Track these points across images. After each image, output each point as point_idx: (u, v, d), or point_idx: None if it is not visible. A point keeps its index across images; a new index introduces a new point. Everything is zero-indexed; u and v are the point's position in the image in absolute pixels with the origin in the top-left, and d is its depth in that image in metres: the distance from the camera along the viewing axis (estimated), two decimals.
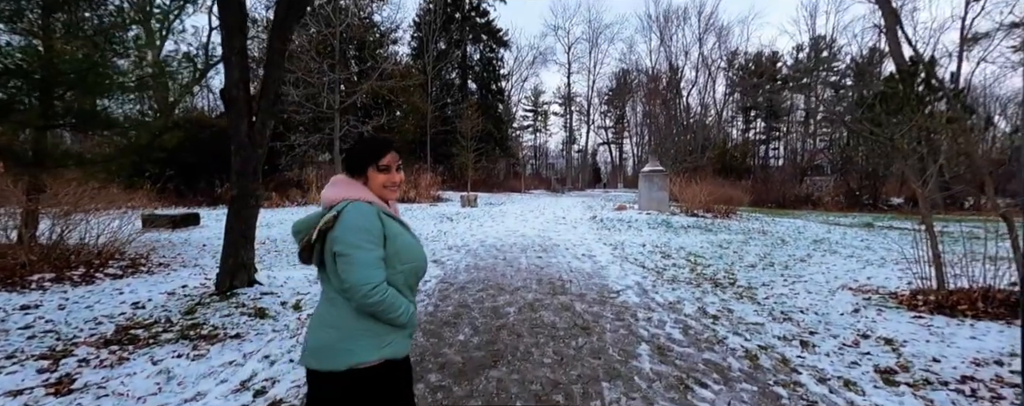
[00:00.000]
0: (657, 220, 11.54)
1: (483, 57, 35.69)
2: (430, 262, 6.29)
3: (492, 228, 10.41)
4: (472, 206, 16.34)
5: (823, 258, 6.79)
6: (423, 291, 4.76)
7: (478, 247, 7.73)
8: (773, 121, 47.50)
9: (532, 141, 59.36)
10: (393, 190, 1.45)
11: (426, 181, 20.48)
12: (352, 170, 1.43)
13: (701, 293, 4.83)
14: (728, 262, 6.55)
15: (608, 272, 5.90)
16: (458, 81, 34.51)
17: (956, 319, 3.73)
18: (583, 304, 4.39)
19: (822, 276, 5.54)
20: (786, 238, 8.96)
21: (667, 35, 42.99)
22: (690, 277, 5.61)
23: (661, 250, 7.63)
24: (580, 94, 53.60)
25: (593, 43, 49.83)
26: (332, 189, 1.42)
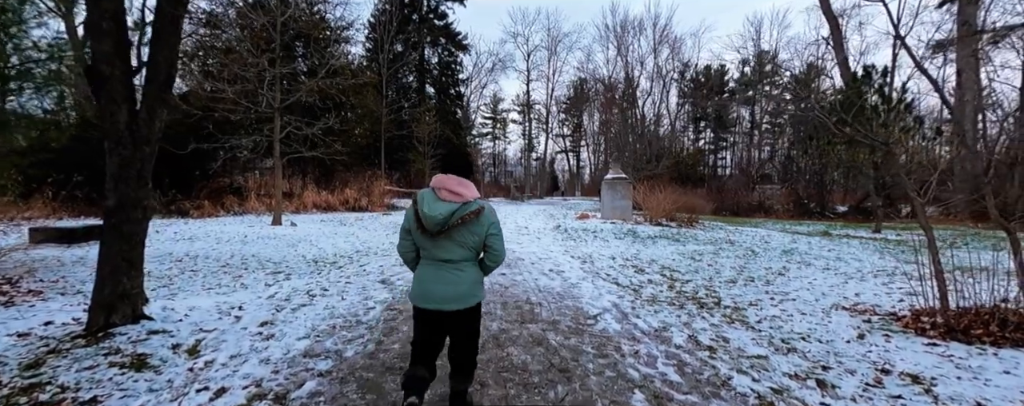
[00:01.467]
0: (623, 230, 11.12)
1: (442, 61, 34.80)
2: (378, 282, 5.44)
3: None
4: None
5: (800, 271, 6.47)
6: (364, 323, 3.92)
7: None
8: (721, 131, 49.36)
9: (491, 148, 58.87)
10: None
11: (380, 188, 19.32)
12: (468, 174, 2.19)
13: (687, 316, 4.26)
14: (706, 277, 6.09)
15: (580, 291, 5.26)
16: (415, 84, 33.41)
17: (974, 346, 3.33)
18: (557, 335, 3.70)
19: (809, 293, 5.14)
20: (755, 249, 8.70)
21: (623, 45, 43.76)
22: (670, 296, 5.06)
23: (632, 263, 7.10)
24: (539, 102, 53.68)
25: (552, 51, 50.08)
26: (466, 189, 2.12)
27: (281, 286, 5.30)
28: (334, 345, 3.36)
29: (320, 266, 6.72)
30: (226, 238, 9.20)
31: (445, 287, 2.15)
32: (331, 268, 6.54)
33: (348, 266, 6.67)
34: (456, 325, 2.25)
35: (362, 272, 6.13)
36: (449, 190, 2.09)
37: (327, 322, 3.90)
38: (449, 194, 2.09)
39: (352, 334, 3.63)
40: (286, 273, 6.14)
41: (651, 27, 52.33)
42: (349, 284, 5.40)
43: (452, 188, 2.09)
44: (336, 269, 6.46)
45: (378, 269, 6.31)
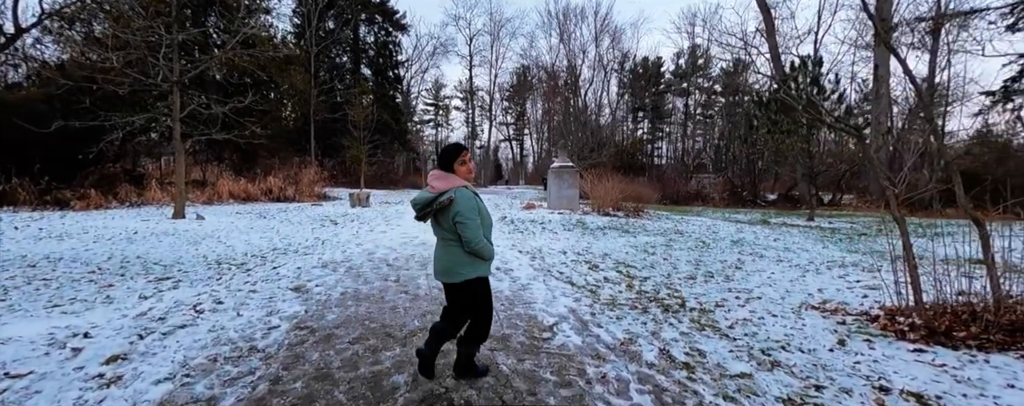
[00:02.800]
0: (571, 221, 10.68)
1: (379, 40, 32.76)
2: (289, 291, 4.50)
3: (385, 234, 8.66)
4: (363, 206, 14.22)
5: (755, 264, 6.26)
6: (260, 350, 3.04)
7: (363, 262, 6.01)
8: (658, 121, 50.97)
9: (433, 136, 57.21)
10: (470, 173, 2.53)
11: (308, 177, 17.70)
12: (445, 167, 2.50)
13: (653, 324, 3.76)
14: (664, 273, 5.69)
15: (532, 294, 4.63)
16: (350, 65, 31.23)
17: (961, 351, 3.06)
18: (509, 357, 3.04)
19: (772, 290, 4.85)
20: (705, 239, 8.54)
21: (566, 33, 43.68)
22: (631, 298, 4.56)
23: (585, 258, 6.60)
24: (482, 88, 52.64)
25: (495, 36, 49.07)
26: (438, 181, 2.45)
27: (161, 299, 4.21)
28: (208, 389, 2.48)
29: (223, 269, 5.61)
30: (108, 235, 7.69)
31: (437, 261, 2.57)
32: (236, 272, 5.46)
33: (258, 269, 5.61)
34: (451, 297, 2.63)
35: (273, 277, 5.12)
36: (429, 183, 2.49)
37: (208, 351, 2.98)
38: (430, 186, 2.48)
39: (240, 368, 2.75)
40: (175, 280, 5.01)
41: (593, 16, 52.75)
42: (253, 293, 4.41)
43: (430, 181, 2.49)
44: (242, 273, 5.40)
45: (294, 272, 5.33)
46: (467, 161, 2.51)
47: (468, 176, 2.52)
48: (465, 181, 2.48)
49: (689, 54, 46.75)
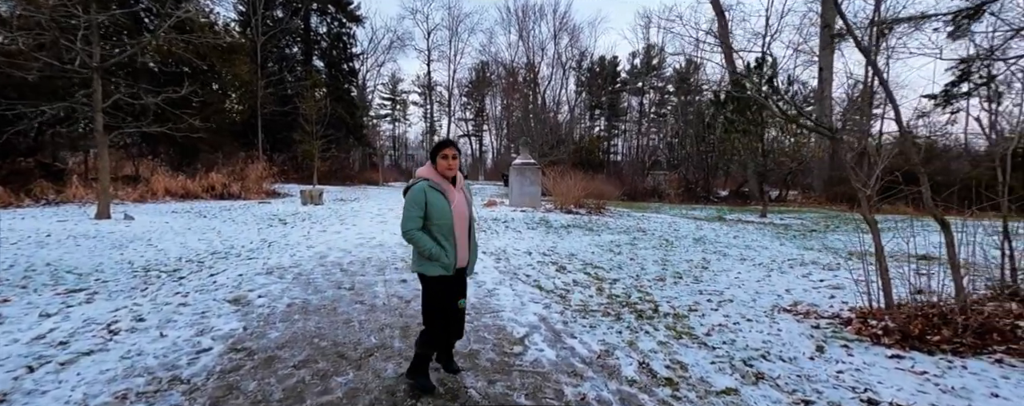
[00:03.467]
0: (534, 219, 10.47)
1: (332, 31, 31.28)
2: (227, 303, 3.99)
3: (339, 235, 8.11)
4: (316, 203, 13.43)
5: (721, 263, 6.25)
6: (184, 380, 2.58)
7: (314, 268, 5.51)
8: (615, 119, 51.90)
9: (391, 131, 55.76)
10: (449, 170, 2.53)
11: (256, 172, 16.57)
12: (431, 159, 2.58)
13: (629, 332, 3.56)
14: (633, 275, 5.55)
15: (500, 301, 4.35)
16: (301, 56, 29.66)
17: (937, 356, 3.03)
18: (479, 378, 2.74)
19: (741, 291, 4.79)
20: (668, 238, 8.55)
21: (525, 30, 43.52)
22: (603, 303, 4.36)
23: (552, 259, 6.38)
24: (441, 83, 51.74)
25: (453, 32, 48.24)
26: (417, 170, 2.62)
27: (68, 317, 3.61)
28: None
29: (150, 278, 4.96)
30: (14, 239, 6.75)
31: None
32: (166, 281, 4.84)
33: (192, 277, 5.01)
34: None
35: (209, 286, 4.56)
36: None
37: (117, 386, 2.49)
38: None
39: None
40: (90, 292, 4.35)
41: (552, 14, 52.89)
42: (183, 307, 3.87)
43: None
44: (173, 282, 4.79)
45: (234, 280, 4.77)
46: (448, 156, 2.51)
47: (446, 171, 2.52)
48: (438, 175, 2.53)
49: (644, 54, 47.78)
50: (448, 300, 2.54)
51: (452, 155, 2.53)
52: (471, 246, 2.66)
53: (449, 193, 2.51)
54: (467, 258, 2.62)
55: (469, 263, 2.66)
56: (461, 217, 2.54)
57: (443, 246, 2.47)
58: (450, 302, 2.55)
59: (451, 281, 2.53)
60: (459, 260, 2.54)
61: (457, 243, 2.51)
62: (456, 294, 2.58)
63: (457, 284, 2.58)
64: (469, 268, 2.67)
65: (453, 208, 2.49)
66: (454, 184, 2.58)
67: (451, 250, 2.49)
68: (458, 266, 2.55)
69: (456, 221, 2.50)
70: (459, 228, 2.53)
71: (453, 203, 2.51)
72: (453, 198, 2.52)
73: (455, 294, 2.58)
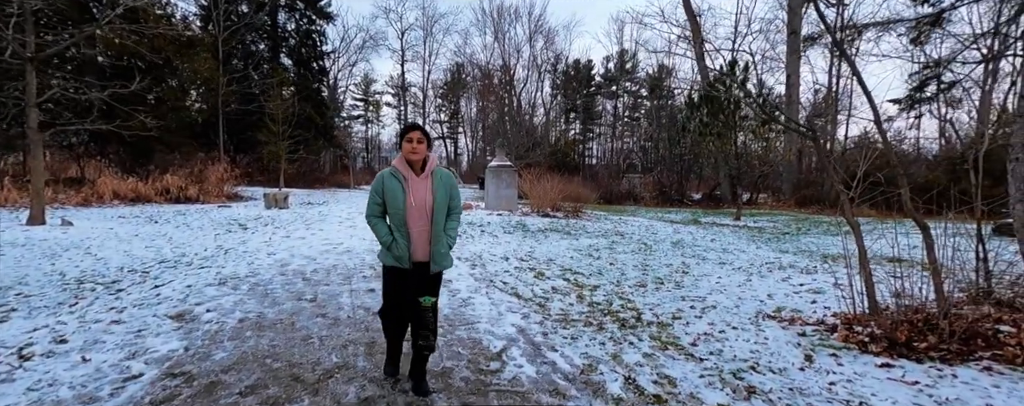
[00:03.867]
0: (511, 222, 10.24)
1: (301, 28, 30.31)
2: (168, 319, 3.59)
3: (304, 240, 7.66)
4: (281, 207, 12.82)
5: (700, 268, 6.15)
6: None
7: (274, 277, 5.11)
8: (589, 122, 52.34)
9: (363, 132, 54.68)
10: (412, 153, 2.40)
11: (216, 174, 15.76)
12: (398, 146, 2.51)
13: (612, 344, 3.36)
14: (613, 280, 5.37)
15: (475, 310, 4.08)
16: (268, 53, 28.59)
17: (926, 364, 2.93)
18: (452, 398, 2.47)
19: (724, 297, 4.66)
20: (646, 241, 8.45)
21: (501, 32, 43.37)
22: (583, 311, 4.15)
23: (529, 265, 6.15)
24: (415, 84, 51.05)
25: (428, 32, 47.69)
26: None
27: None
28: None
29: (83, 291, 4.46)
30: None
31: None
32: (102, 294, 4.36)
33: (133, 289, 4.53)
34: None
35: (151, 299, 4.12)
36: None
37: None
38: None
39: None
40: (7, 309, 3.85)
41: (527, 16, 53.00)
42: (116, 325, 3.45)
43: None
44: (109, 295, 4.31)
45: (181, 292, 4.34)
46: (413, 140, 2.41)
47: (409, 155, 2.41)
48: (404, 161, 2.44)
49: (618, 58, 48.38)
50: (400, 293, 2.47)
51: (417, 138, 2.41)
52: (435, 240, 2.45)
53: (409, 182, 2.41)
54: (428, 253, 2.45)
55: (432, 259, 2.46)
56: (419, 209, 2.41)
57: (395, 237, 2.41)
58: (403, 296, 2.46)
59: (406, 275, 2.44)
60: (415, 254, 2.43)
61: (411, 235, 2.41)
62: (414, 289, 2.44)
63: (417, 280, 2.45)
64: (433, 264, 2.47)
65: (408, 199, 2.39)
66: (421, 171, 2.45)
67: (403, 242, 2.40)
68: (416, 260, 2.44)
69: (411, 212, 2.39)
70: (414, 219, 2.41)
71: (410, 193, 2.40)
72: (411, 187, 2.41)
73: (411, 289, 2.44)
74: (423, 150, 2.44)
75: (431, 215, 2.43)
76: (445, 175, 2.56)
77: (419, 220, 2.41)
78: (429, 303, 2.43)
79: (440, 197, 2.46)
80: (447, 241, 2.52)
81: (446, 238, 2.51)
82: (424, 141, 2.44)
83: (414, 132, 2.43)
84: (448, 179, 2.55)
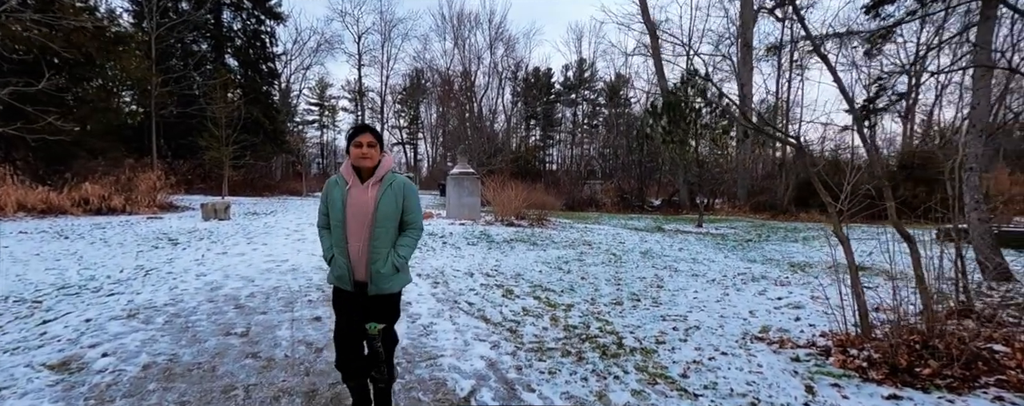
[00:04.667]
0: (474, 232, 9.74)
1: (248, 28, 28.68)
2: (46, 369, 2.89)
3: (243, 258, 6.86)
4: (221, 218, 11.74)
5: (674, 281, 5.89)
6: None
7: (200, 304, 4.39)
8: (549, 129, 52.68)
9: (318, 138, 52.61)
10: (362, 159, 2.11)
11: (147, 183, 14.34)
12: (346, 150, 2.19)
13: (597, 379, 2.95)
14: (587, 297, 4.99)
15: (438, 340, 3.58)
16: (211, 54, 26.79)
17: (934, 394, 2.70)
18: None
19: (705, 315, 4.38)
20: (615, 252, 8.18)
21: (461, 38, 42.90)
22: (559, 338, 3.73)
23: (497, 281, 5.68)
24: (372, 89, 49.64)
25: (386, 36, 46.54)
26: None
27: None
28: None
29: None
30: None
31: None
32: None
33: (12, 327, 3.70)
34: None
35: (32, 341, 3.35)
36: None
37: None
38: None
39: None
40: None
41: (487, 23, 52.88)
42: None
43: None
44: None
45: (74, 330, 3.57)
46: (361, 144, 2.13)
47: (358, 160, 2.14)
48: (350, 166, 2.18)
49: (577, 67, 49.03)
50: (346, 318, 2.18)
51: (367, 142, 2.13)
52: (373, 257, 2.11)
53: (351, 189, 2.13)
54: (365, 272, 2.13)
55: (371, 279, 2.12)
56: (359, 221, 2.10)
57: (335, 253, 2.16)
58: (350, 322, 2.16)
59: (348, 297, 2.18)
60: (357, 272, 2.13)
61: (349, 251, 2.11)
62: (359, 314, 2.15)
63: (361, 303, 2.16)
64: (372, 285, 2.13)
65: (347, 207, 2.11)
66: (369, 178, 2.16)
67: (341, 259, 2.12)
68: (358, 279, 2.14)
69: (349, 224, 2.11)
70: (352, 233, 2.11)
71: (351, 201, 2.11)
72: (351, 196, 2.12)
73: (355, 313, 2.16)
74: (375, 155, 2.14)
75: (370, 228, 2.10)
76: (400, 182, 2.21)
77: (358, 233, 2.10)
78: (375, 330, 2.09)
79: (384, 207, 2.12)
80: (394, 260, 2.14)
81: (393, 256, 2.14)
82: (376, 145, 2.15)
83: (364, 135, 2.14)
84: (403, 187, 2.20)
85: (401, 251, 2.16)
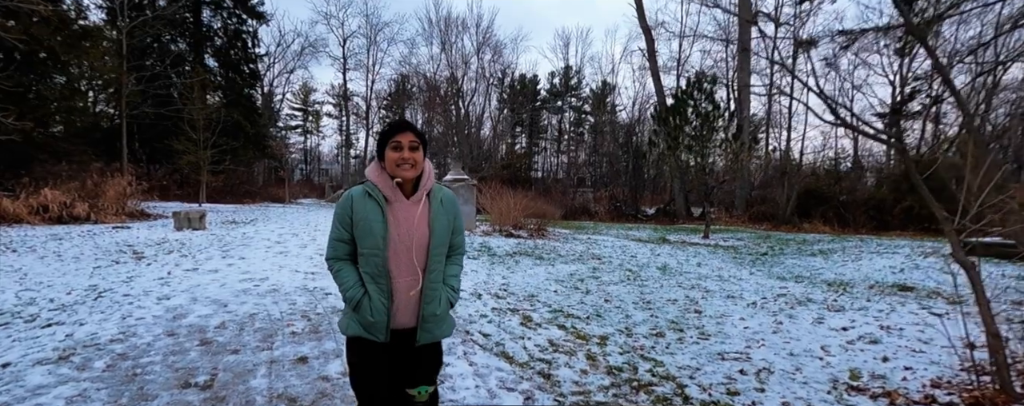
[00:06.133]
0: (474, 244, 9.01)
1: (228, 28, 27.61)
2: None
3: (216, 275, 6.02)
4: (195, 228, 10.79)
5: (711, 304, 5.24)
6: None
7: (157, 339, 3.58)
8: (536, 136, 52.28)
9: (302, 143, 51.39)
10: (405, 167, 1.55)
11: (116, 189, 13.28)
12: (377, 154, 1.64)
13: None
14: (619, 326, 4.30)
15: (455, 387, 2.86)
16: (190, 54, 25.65)
17: None
18: None
19: (770, 352, 3.71)
20: (629, 267, 7.53)
21: (448, 43, 42.28)
22: (606, 384, 3.03)
23: (509, 304, 4.96)
24: (358, 94, 48.66)
25: (371, 40, 45.63)
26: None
27: None
28: None
29: None
30: None
31: None
32: None
33: None
34: None
35: None
36: None
37: None
38: None
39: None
40: None
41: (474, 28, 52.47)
42: None
43: None
44: None
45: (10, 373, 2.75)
46: (401, 145, 1.57)
47: (397, 168, 1.57)
48: (384, 175, 1.60)
49: (563, 74, 48.81)
50: (372, 381, 1.59)
51: (409, 143, 1.58)
52: (429, 296, 1.61)
53: (393, 204, 1.59)
54: (418, 315, 1.61)
55: (422, 325, 1.61)
56: (407, 245, 1.58)
57: (367, 289, 1.58)
58: (377, 386, 1.59)
59: (379, 351, 1.59)
60: (397, 317, 1.59)
61: (393, 289, 1.57)
62: (397, 375, 1.63)
63: (398, 358, 1.63)
64: (424, 332, 1.62)
65: (392, 230, 1.57)
66: (414, 192, 1.62)
67: (380, 300, 1.56)
68: (397, 327, 1.60)
69: (393, 251, 1.57)
70: (398, 263, 1.57)
71: (394, 221, 1.58)
72: (397, 215, 1.59)
73: (388, 373, 1.61)
74: (419, 161, 1.60)
75: (426, 258, 1.60)
76: (449, 196, 1.73)
77: (407, 265, 1.58)
78: (424, 395, 1.62)
79: (440, 230, 1.64)
80: (448, 296, 1.69)
81: (447, 293, 1.69)
82: (419, 148, 1.61)
83: (404, 133, 1.59)
84: (452, 203, 1.72)
85: (453, 283, 1.71)
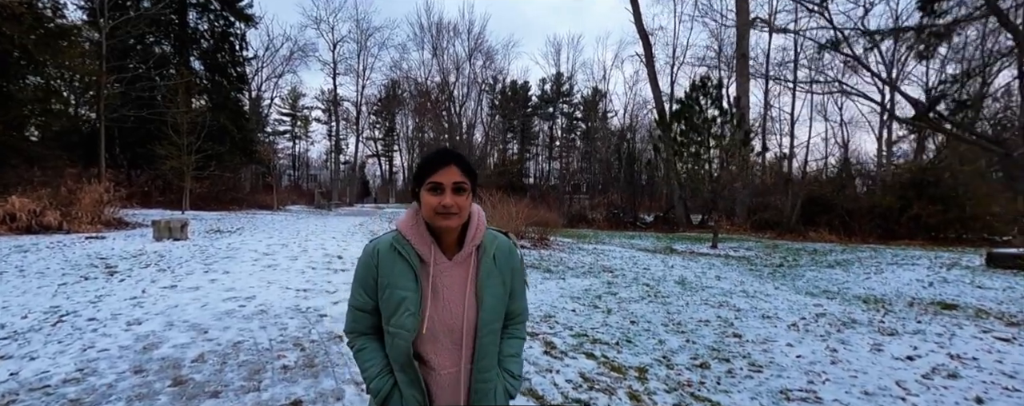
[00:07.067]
0: None
1: (215, 30, 26.90)
2: None
3: (196, 293, 5.42)
4: (176, 238, 10.11)
5: (747, 326, 4.77)
6: None
7: (121, 378, 3.01)
8: (527, 143, 51.99)
9: (291, 149, 50.55)
10: (445, 217, 1.08)
11: (92, 195, 12.54)
12: (412, 194, 1.16)
13: None
14: (654, 354, 3.81)
15: None
16: (175, 56, 24.87)
17: None
18: None
19: (839, 389, 3.22)
20: (645, 280, 7.06)
21: (439, 48, 41.89)
22: None
23: (529, 328, 4.45)
24: (348, 99, 48.01)
25: (362, 45, 45.05)
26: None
27: None
28: None
29: None
30: None
31: None
32: None
33: None
34: None
35: None
36: None
37: None
38: None
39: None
40: None
41: (466, 33, 52.23)
42: None
43: None
44: None
45: None
46: (442, 187, 1.07)
47: (436, 217, 1.08)
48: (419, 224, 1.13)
49: (554, 80, 48.69)
50: None
51: (453, 183, 1.09)
52: (479, 388, 1.15)
53: (430, 267, 1.12)
54: None
55: None
56: (448, 325, 1.11)
57: (396, 381, 1.12)
58: None
59: None
60: None
61: (430, 381, 1.12)
62: None
63: None
64: None
65: (425, 304, 1.09)
66: (458, 249, 1.15)
67: (411, 393, 1.11)
68: None
69: (430, 333, 1.09)
70: (436, 347, 1.11)
71: (431, 291, 1.10)
72: (437, 279, 1.11)
73: None
74: (465, 207, 1.12)
75: (474, 339, 1.14)
76: (505, 247, 1.24)
77: (447, 347, 1.13)
78: None
79: (492, 298, 1.16)
80: (506, 386, 1.23)
81: (503, 381, 1.22)
82: (466, 189, 1.12)
83: (447, 170, 1.10)
84: (508, 256, 1.24)
85: (513, 368, 1.25)
